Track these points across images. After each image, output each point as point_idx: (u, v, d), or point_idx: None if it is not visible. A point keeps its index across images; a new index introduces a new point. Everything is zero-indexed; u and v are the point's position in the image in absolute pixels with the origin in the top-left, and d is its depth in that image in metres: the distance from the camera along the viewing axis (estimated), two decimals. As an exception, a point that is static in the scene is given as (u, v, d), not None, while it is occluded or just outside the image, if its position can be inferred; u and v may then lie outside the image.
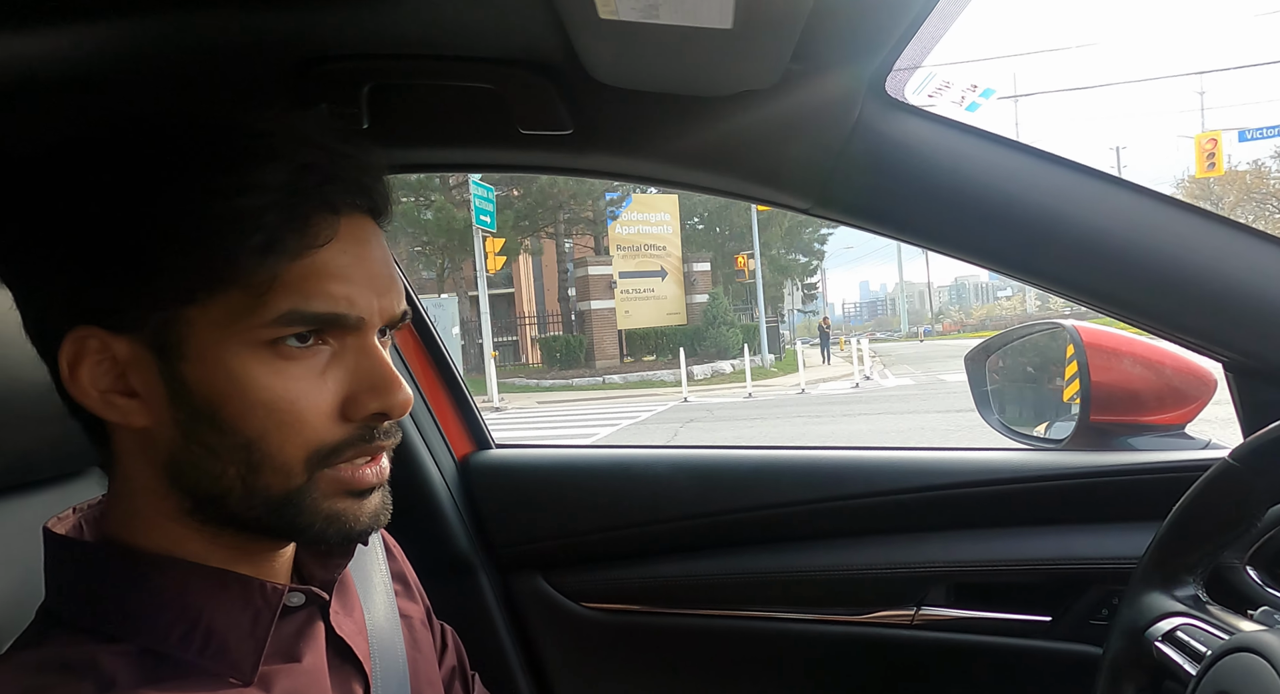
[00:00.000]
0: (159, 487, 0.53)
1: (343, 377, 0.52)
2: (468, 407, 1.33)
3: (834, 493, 1.12)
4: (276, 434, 0.50)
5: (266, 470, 0.51)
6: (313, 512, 0.52)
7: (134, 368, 0.51)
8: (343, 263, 0.51)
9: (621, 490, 1.22)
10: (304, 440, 0.51)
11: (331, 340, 0.52)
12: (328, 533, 0.53)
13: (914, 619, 1.08)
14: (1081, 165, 0.80)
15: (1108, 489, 1.02)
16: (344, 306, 0.51)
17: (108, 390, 0.51)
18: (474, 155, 0.92)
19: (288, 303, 0.49)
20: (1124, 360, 1.07)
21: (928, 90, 0.84)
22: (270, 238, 0.49)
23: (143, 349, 0.51)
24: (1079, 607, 1.01)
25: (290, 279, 0.49)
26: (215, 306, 0.49)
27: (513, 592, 1.23)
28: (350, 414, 0.52)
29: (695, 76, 0.77)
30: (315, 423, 0.51)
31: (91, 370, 0.51)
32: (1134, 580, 0.74)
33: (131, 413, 0.52)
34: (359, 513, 0.54)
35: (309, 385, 0.51)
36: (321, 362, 0.52)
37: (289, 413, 0.50)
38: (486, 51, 0.76)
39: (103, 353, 0.51)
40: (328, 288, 0.50)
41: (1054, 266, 0.81)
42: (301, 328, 0.50)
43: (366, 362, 0.53)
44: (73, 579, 0.55)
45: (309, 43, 0.73)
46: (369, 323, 0.53)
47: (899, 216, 0.87)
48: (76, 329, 0.51)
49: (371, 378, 0.53)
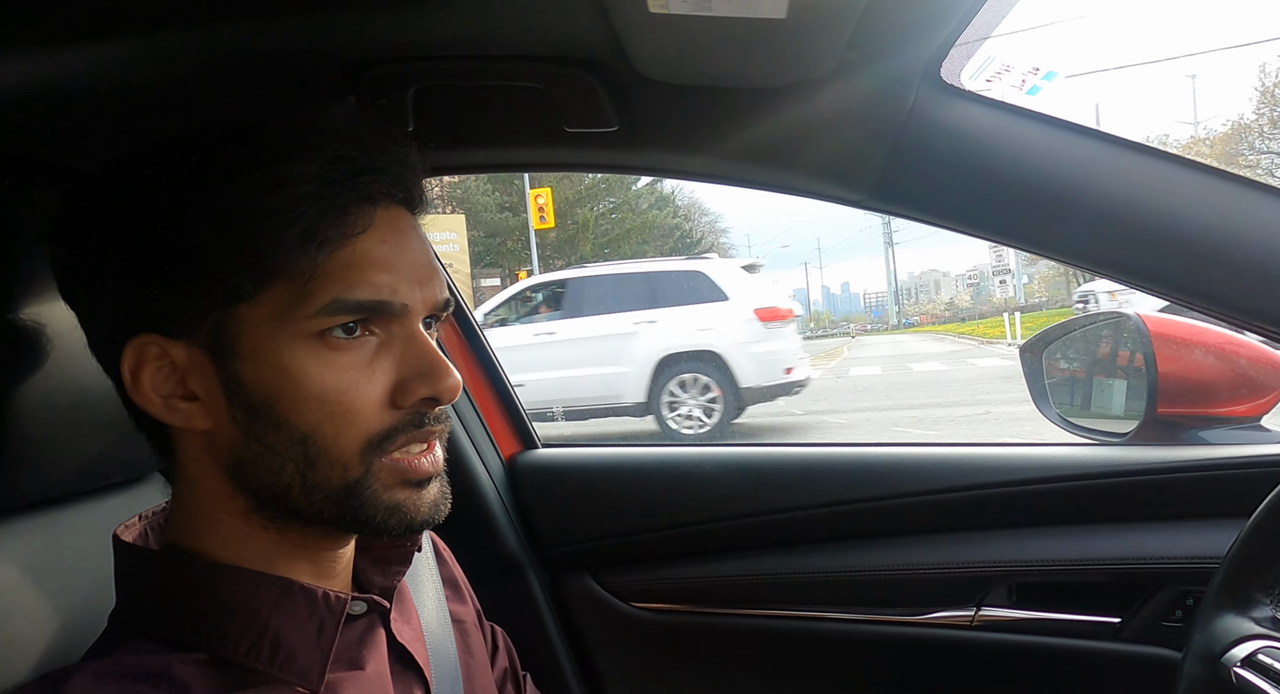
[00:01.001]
0: (224, 488, 0.54)
1: (391, 365, 0.53)
2: (514, 406, 1.33)
3: (889, 491, 1.10)
4: (330, 426, 0.51)
5: (323, 464, 0.52)
6: (374, 503, 0.53)
7: (192, 371, 0.52)
8: (382, 252, 0.52)
9: (670, 489, 1.20)
10: (357, 431, 0.52)
11: (378, 330, 0.53)
12: (389, 524, 0.54)
13: (974, 620, 1.05)
14: (1155, 149, 0.76)
15: (1180, 485, 0.98)
16: (387, 294, 0.52)
17: (169, 395, 0.53)
18: (520, 155, 0.91)
19: (332, 292, 0.50)
20: (1194, 350, 1.03)
21: (985, 74, 0.81)
22: (309, 228, 0.50)
23: (199, 352, 0.52)
24: (1150, 608, 0.97)
25: (332, 269, 0.50)
26: (264, 302, 0.50)
27: (562, 592, 1.23)
28: (400, 401, 0.53)
29: (746, 68, 0.75)
30: (367, 412, 0.52)
31: (152, 377, 0.52)
32: (1206, 603, 0.70)
33: (193, 416, 0.53)
34: (419, 503, 0.55)
35: (358, 375, 0.52)
36: (369, 352, 0.53)
37: (340, 404, 0.51)
38: (532, 50, 0.75)
39: (162, 359, 0.52)
40: (370, 277, 0.51)
41: (1126, 257, 0.77)
42: (347, 317, 0.51)
43: (414, 349, 0.54)
44: (143, 587, 0.55)
45: (356, 48, 0.73)
46: (413, 310, 0.54)
47: (957, 208, 0.84)
48: (136, 337, 0.52)
49: (420, 364, 0.53)
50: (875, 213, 1.09)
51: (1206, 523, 0.96)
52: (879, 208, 0.89)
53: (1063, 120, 0.80)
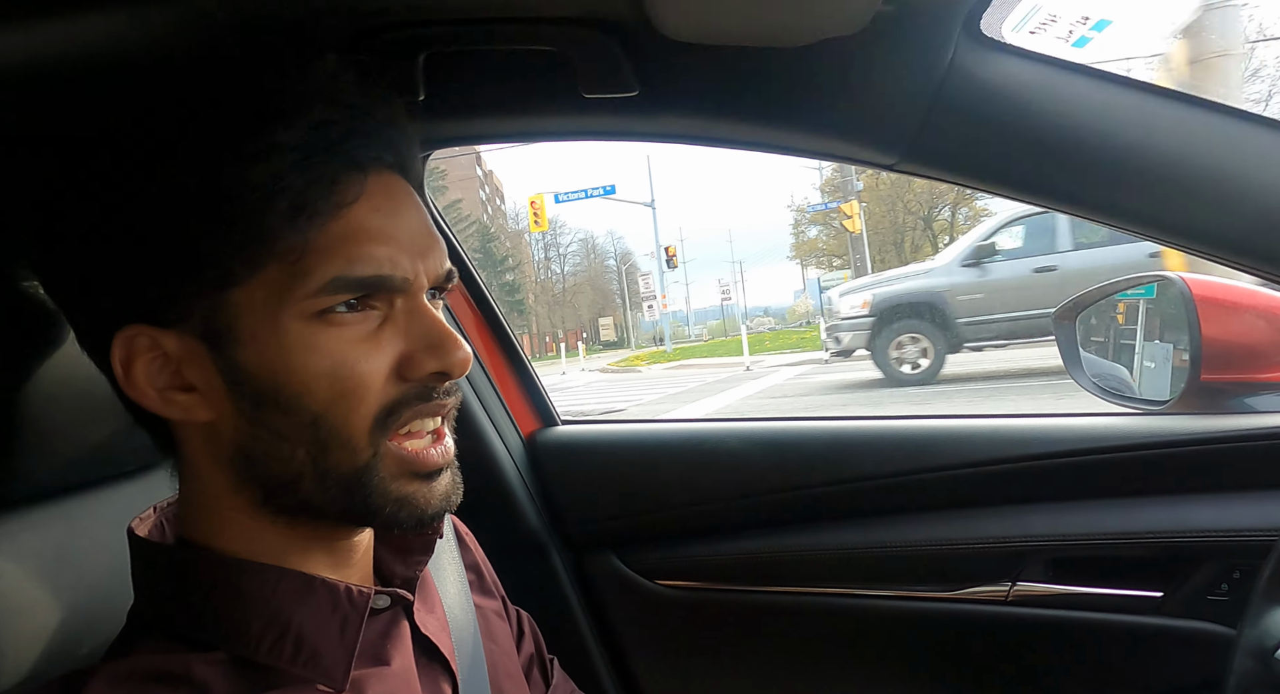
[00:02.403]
0: (229, 481, 0.52)
1: (397, 339, 0.51)
2: (532, 383, 1.30)
3: (919, 465, 1.07)
4: (341, 404, 0.49)
5: (335, 447, 0.50)
6: (382, 494, 0.51)
7: (187, 361, 0.50)
8: (377, 222, 0.50)
9: (693, 465, 1.18)
10: (367, 408, 0.50)
11: (379, 305, 0.51)
12: (399, 516, 0.52)
13: (1009, 595, 1.02)
14: (1217, 104, 0.71)
15: (1226, 455, 0.94)
16: (387, 268, 0.50)
17: (165, 388, 0.50)
18: (535, 123, 0.87)
19: (331, 270, 0.48)
20: (1242, 314, 0.98)
21: (1029, 26, 0.76)
22: (296, 201, 0.47)
23: (193, 341, 0.49)
24: (1195, 582, 0.94)
25: (327, 245, 0.48)
26: (257, 284, 0.48)
27: (586, 570, 1.22)
28: (408, 374, 0.51)
29: (774, 26, 0.71)
30: (375, 385, 0.50)
31: (145, 369, 0.50)
32: (1255, 596, 0.67)
33: (193, 408, 0.51)
34: (429, 496, 0.53)
35: (365, 348, 0.50)
36: (373, 325, 0.51)
37: (350, 379, 0.49)
38: (546, 11, 0.71)
39: (154, 350, 0.50)
40: (368, 250, 0.49)
41: (1184, 221, 0.73)
42: (347, 295, 0.49)
43: (419, 322, 0.52)
44: (161, 584, 0.54)
45: (362, 12, 0.69)
46: (415, 284, 0.51)
47: (998, 169, 0.79)
48: (124, 329, 0.49)
49: (427, 337, 0.51)
50: (908, 175, 1.06)
51: (1254, 494, 0.92)
52: (912, 171, 0.85)
53: (1113, 74, 0.75)
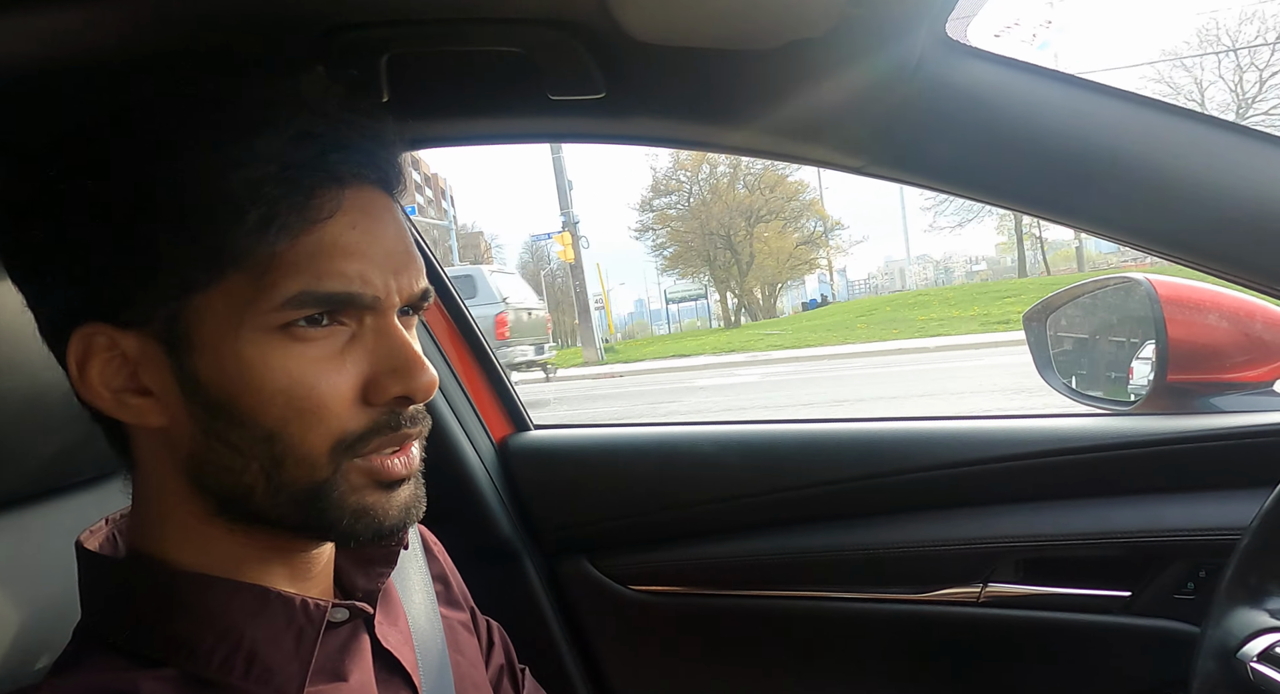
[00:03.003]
0: (182, 488, 0.50)
1: (362, 359, 0.49)
2: (504, 387, 1.29)
3: (891, 467, 1.07)
4: (298, 423, 0.48)
5: (290, 462, 0.48)
6: (340, 506, 0.49)
7: (145, 364, 0.48)
8: (352, 238, 0.48)
9: (666, 469, 1.18)
10: (327, 429, 0.48)
11: (348, 321, 0.49)
12: (356, 528, 0.50)
13: (981, 596, 1.03)
14: (1177, 107, 0.72)
15: (1192, 455, 0.95)
16: (357, 285, 0.48)
17: (120, 390, 0.49)
18: (502, 125, 0.86)
19: (298, 284, 0.46)
20: (1206, 314, 1.00)
21: (993, 30, 0.76)
22: (268, 213, 0.46)
23: (152, 344, 0.48)
24: (1161, 581, 0.95)
25: (297, 258, 0.46)
26: (220, 292, 0.46)
27: (558, 576, 1.21)
28: (372, 398, 0.50)
29: (740, 28, 0.70)
30: (336, 409, 0.48)
31: (101, 369, 0.48)
32: (1218, 597, 0.68)
33: (146, 412, 0.49)
34: (388, 506, 0.51)
35: (327, 368, 0.48)
36: (339, 343, 0.49)
37: (308, 399, 0.48)
38: (513, 12, 0.70)
39: (111, 350, 0.48)
40: (339, 266, 0.47)
41: (1146, 222, 0.74)
42: (312, 310, 0.48)
43: (386, 343, 0.50)
44: (109, 599, 0.52)
45: (324, 12, 0.67)
46: (386, 302, 0.50)
47: (965, 172, 0.79)
48: (83, 326, 0.48)
49: (392, 359, 0.50)
50: (877, 179, 1.06)
51: (1219, 493, 0.93)
52: (881, 174, 0.85)
53: (1076, 77, 0.75)
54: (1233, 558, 0.67)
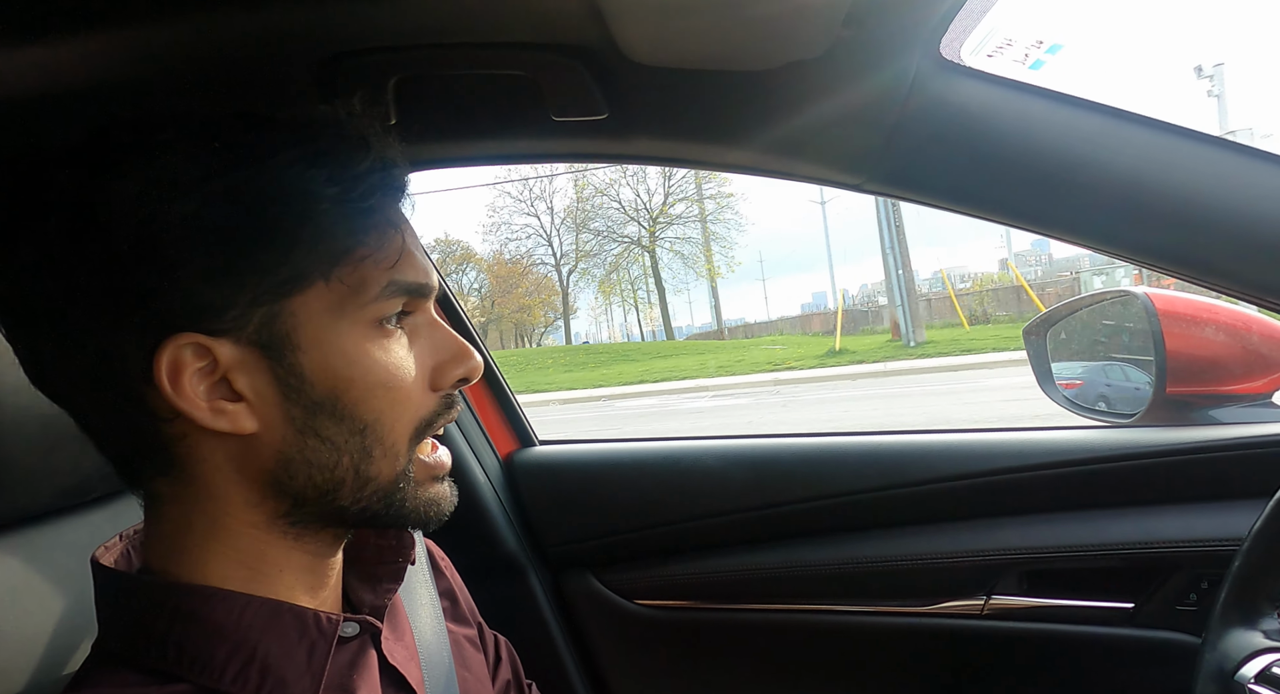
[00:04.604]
0: (250, 496, 0.51)
1: (425, 350, 0.55)
2: (509, 404, 1.30)
3: (894, 481, 1.08)
4: (390, 413, 0.52)
5: (377, 453, 0.52)
6: (414, 497, 0.54)
7: (239, 370, 0.49)
8: (411, 239, 0.54)
9: (670, 484, 1.18)
10: (410, 417, 0.53)
11: (407, 319, 0.54)
12: (428, 516, 0.55)
13: (984, 609, 1.03)
14: (1165, 123, 0.73)
15: (1192, 467, 0.96)
16: (424, 276, 0.54)
17: (214, 398, 0.49)
18: (506, 146, 0.88)
19: (386, 276, 0.51)
20: (1203, 328, 1.00)
21: (986, 49, 0.78)
22: (385, 216, 0.51)
23: (248, 348, 0.48)
24: (1164, 592, 0.96)
25: (385, 255, 0.51)
26: (320, 291, 0.49)
27: (564, 591, 1.21)
28: (438, 384, 0.55)
29: (738, 50, 0.72)
30: (418, 397, 0.53)
31: (193, 380, 0.48)
32: (1214, 620, 0.68)
33: (240, 418, 0.49)
34: (446, 497, 0.57)
35: (409, 361, 0.53)
36: (408, 338, 0.54)
37: (401, 390, 0.52)
38: (517, 36, 0.72)
39: (203, 360, 0.48)
40: (411, 260, 0.53)
41: (1137, 235, 0.75)
42: (400, 299, 0.52)
43: (439, 333, 0.56)
44: (123, 614, 0.53)
45: (333, 38, 0.69)
46: (433, 294, 0.56)
47: (960, 188, 0.81)
48: (175, 337, 0.47)
49: (450, 347, 0.56)
50: (875, 196, 1.06)
51: (1220, 505, 0.94)
52: (879, 191, 0.86)
53: (1068, 95, 0.77)
54: (1226, 579, 0.68)
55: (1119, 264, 7.71)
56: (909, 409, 7.75)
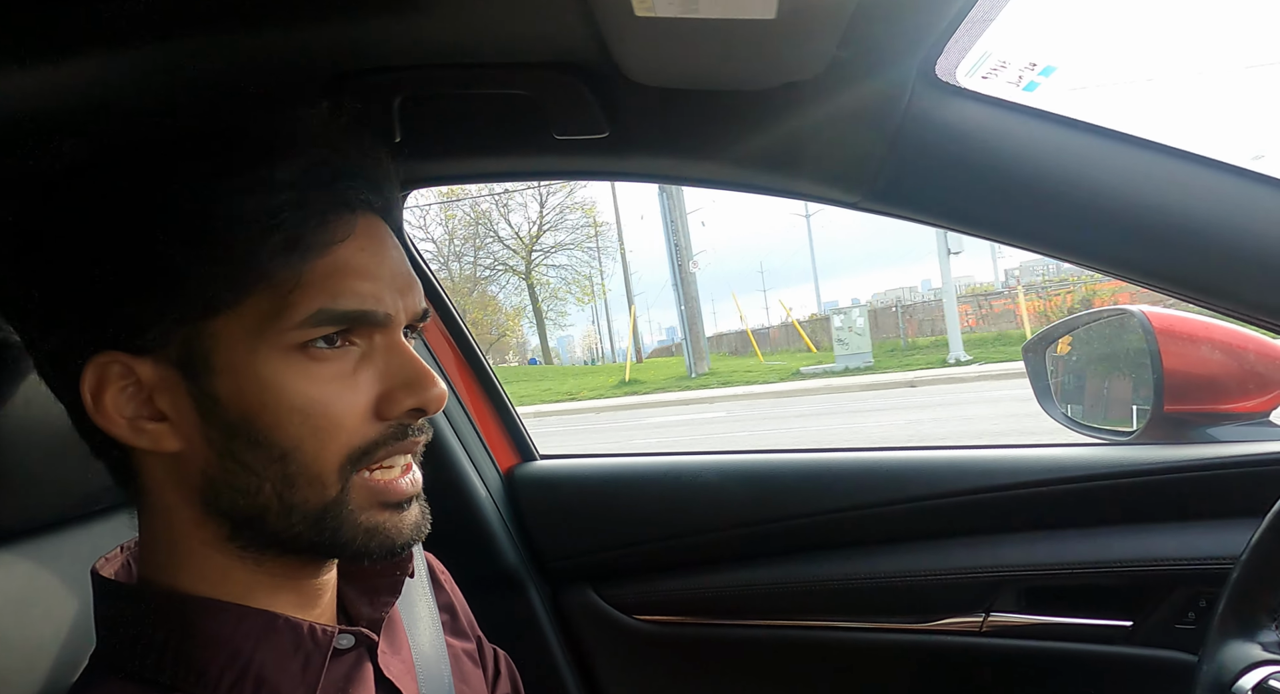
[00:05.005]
0: (194, 515, 0.52)
1: (374, 376, 0.51)
2: (511, 418, 1.31)
3: (893, 496, 1.08)
4: (312, 441, 0.49)
5: (301, 482, 0.49)
6: (352, 525, 0.51)
7: (160, 389, 0.49)
8: (363, 260, 0.50)
9: (670, 499, 1.19)
10: (339, 445, 0.50)
11: (359, 340, 0.51)
12: (370, 546, 0.52)
13: (983, 626, 1.03)
14: (1157, 143, 0.74)
15: (1191, 484, 0.96)
16: (371, 303, 0.50)
17: (135, 417, 0.50)
18: (508, 164, 0.90)
19: (316, 302, 0.48)
20: (1200, 346, 1.01)
21: (981, 71, 0.79)
22: (291, 236, 0.48)
23: (168, 368, 0.49)
24: (1163, 610, 0.95)
25: (314, 278, 0.48)
26: (240, 314, 0.48)
27: (563, 605, 1.21)
28: (385, 413, 0.51)
29: (735, 71, 0.74)
30: (350, 425, 0.50)
31: (116, 397, 0.49)
32: (1210, 631, 0.68)
33: (162, 437, 0.50)
34: (400, 525, 0.53)
35: (342, 386, 0.50)
36: (351, 362, 0.51)
37: (324, 417, 0.49)
38: (519, 56, 0.73)
39: (127, 378, 0.49)
40: (353, 285, 0.49)
41: (1130, 253, 0.76)
42: (331, 328, 0.49)
43: (397, 359, 0.52)
44: (121, 625, 0.53)
45: (340, 58, 0.71)
46: (395, 320, 0.52)
47: (956, 207, 0.82)
48: (98, 356, 0.49)
49: (404, 374, 0.52)
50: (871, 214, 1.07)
51: (1218, 523, 0.94)
52: (875, 209, 0.87)
53: (1061, 115, 0.78)
54: (1224, 591, 0.68)
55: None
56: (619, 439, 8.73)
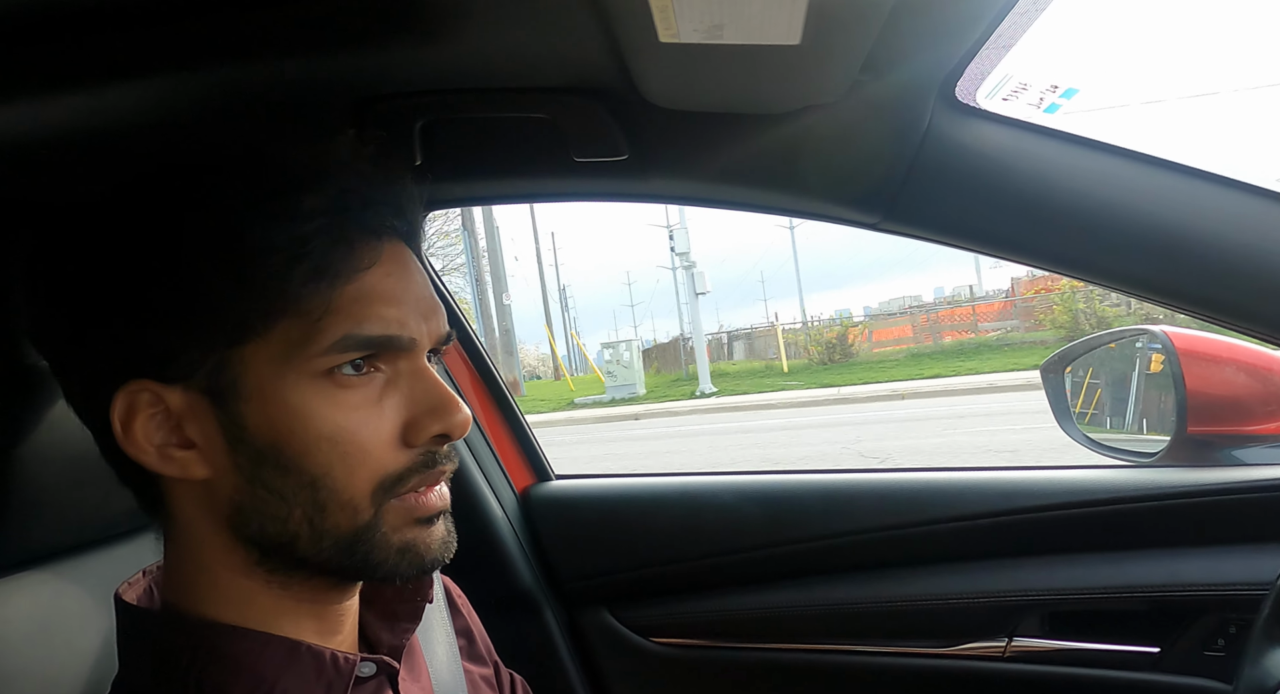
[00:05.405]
0: (223, 541, 0.52)
1: (400, 402, 0.51)
2: (526, 438, 1.30)
3: (913, 518, 1.07)
4: (341, 467, 0.49)
5: (333, 508, 0.49)
6: (385, 546, 0.51)
7: (189, 417, 0.50)
8: (389, 286, 0.51)
9: (687, 520, 1.18)
10: (369, 472, 0.50)
11: (384, 366, 0.51)
12: (401, 565, 0.52)
13: (1006, 651, 1.01)
14: (1179, 164, 0.74)
15: (1217, 508, 0.94)
16: (395, 328, 0.50)
17: (164, 444, 0.50)
18: (528, 186, 0.90)
19: (342, 328, 0.48)
20: (1224, 367, 1.00)
21: (1002, 93, 0.79)
22: (319, 263, 0.48)
23: (197, 396, 0.49)
24: (1191, 636, 0.94)
25: (341, 305, 0.49)
26: (269, 342, 0.48)
27: (579, 628, 1.20)
28: (411, 439, 0.51)
29: (757, 95, 0.74)
30: (378, 452, 0.50)
31: (145, 425, 0.49)
32: (1255, 635, 0.67)
33: (190, 464, 0.50)
34: (429, 540, 0.53)
35: (369, 414, 0.50)
36: (377, 388, 0.51)
37: (352, 443, 0.49)
38: (540, 81, 0.74)
39: (156, 406, 0.49)
40: (379, 311, 0.50)
41: (1152, 274, 0.75)
42: (357, 353, 0.49)
43: (421, 384, 0.52)
44: (144, 651, 0.53)
45: (361, 83, 0.72)
46: (420, 344, 0.52)
47: (975, 228, 0.82)
48: (128, 385, 0.49)
49: (429, 400, 0.52)
50: (890, 235, 1.07)
51: (1247, 547, 0.93)
52: (894, 230, 0.87)
53: (1083, 137, 0.78)
54: (1268, 599, 0.67)
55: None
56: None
